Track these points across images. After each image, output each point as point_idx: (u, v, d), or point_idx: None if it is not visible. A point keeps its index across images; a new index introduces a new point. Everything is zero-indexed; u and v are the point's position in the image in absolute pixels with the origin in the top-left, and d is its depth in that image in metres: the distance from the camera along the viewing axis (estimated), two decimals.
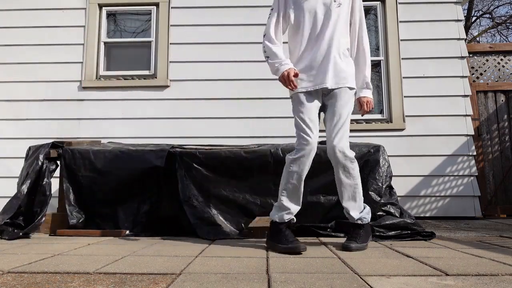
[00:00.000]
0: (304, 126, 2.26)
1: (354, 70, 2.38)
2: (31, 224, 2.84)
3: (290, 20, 2.36)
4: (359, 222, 2.31)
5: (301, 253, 2.09)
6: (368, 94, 2.39)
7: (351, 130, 4.49)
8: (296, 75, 2.27)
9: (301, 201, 2.35)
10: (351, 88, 2.32)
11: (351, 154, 2.28)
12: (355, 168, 2.29)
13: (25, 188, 2.96)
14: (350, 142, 3.58)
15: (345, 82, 2.29)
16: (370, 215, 2.37)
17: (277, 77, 2.32)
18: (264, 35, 2.41)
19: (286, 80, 2.25)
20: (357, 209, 2.32)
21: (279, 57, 2.31)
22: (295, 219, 2.38)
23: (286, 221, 2.29)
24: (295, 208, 2.32)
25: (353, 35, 2.40)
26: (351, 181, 2.29)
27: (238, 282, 1.46)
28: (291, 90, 2.30)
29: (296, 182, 2.28)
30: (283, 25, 2.41)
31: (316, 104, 2.31)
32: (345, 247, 2.19)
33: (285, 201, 2.30)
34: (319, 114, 2.37)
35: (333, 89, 2.29)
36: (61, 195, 3.18)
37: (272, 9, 2.43)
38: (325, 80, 2.26)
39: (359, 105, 2.41)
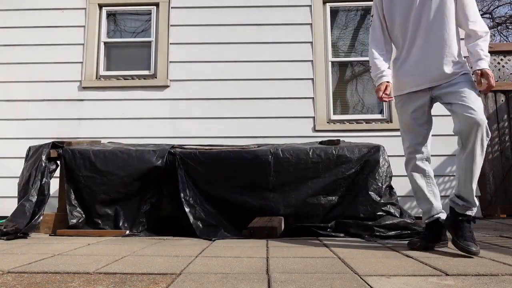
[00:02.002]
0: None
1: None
2: (29, 224, 2.84)
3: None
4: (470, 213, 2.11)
5: (431, 251, 2.13)
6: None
7: (352, 130, 4.52)
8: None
9: (434, 199, 2.29)
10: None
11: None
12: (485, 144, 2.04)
13: (35, 191, 2.94)
14: (350, 142, 3.60)
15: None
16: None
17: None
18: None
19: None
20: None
21: (378, 69, 2.36)
22: (441, 217, 2.26)
23: (426, 221, 2.31)
24: (428, 208, 2.29)
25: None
26: (481, 160, 2.04)
27: (238, 282, 1.46)
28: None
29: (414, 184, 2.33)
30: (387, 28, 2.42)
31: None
32: (471, 253, 1.95)
33: (418, 204, 2.37)
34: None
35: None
36: (61, 195, 3.18)
37: (372, 15, 2.48)
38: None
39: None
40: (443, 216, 2.28)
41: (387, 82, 2.31)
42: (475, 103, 2.07)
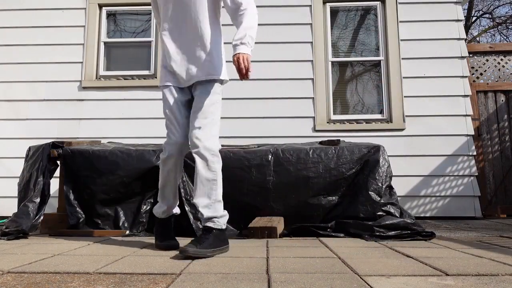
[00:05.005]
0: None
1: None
2: (29, 224, 2.83)
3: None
4: (210, 224, 2.01)
5: (168, 250, 2.07)
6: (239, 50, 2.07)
7: (352, 130, 4.53)
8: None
9: (171, 199, 2.27)
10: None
11: (214, 146, 2.05)
12: (215, 162, 2.06)
13: (38, 192, 2.93)
14: (350, 142, 3.60)
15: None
16: (225, 222, 2.08)
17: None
18: None
19: None
20: (211, 209, 2.03)
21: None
22: (178, 212, 2.36)
23: (162, 217, 2.29)
24: (168, 205, 2.27)
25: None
26: (209, 175, 2.03)
27: (238, 282, 1.46)
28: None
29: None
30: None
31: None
32: (180, 251, 1.87)
33: (159, 197, 2.31)
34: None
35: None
36: (61, 195, 3.18)
37: None
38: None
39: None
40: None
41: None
42: (200, 121, 2.04)
